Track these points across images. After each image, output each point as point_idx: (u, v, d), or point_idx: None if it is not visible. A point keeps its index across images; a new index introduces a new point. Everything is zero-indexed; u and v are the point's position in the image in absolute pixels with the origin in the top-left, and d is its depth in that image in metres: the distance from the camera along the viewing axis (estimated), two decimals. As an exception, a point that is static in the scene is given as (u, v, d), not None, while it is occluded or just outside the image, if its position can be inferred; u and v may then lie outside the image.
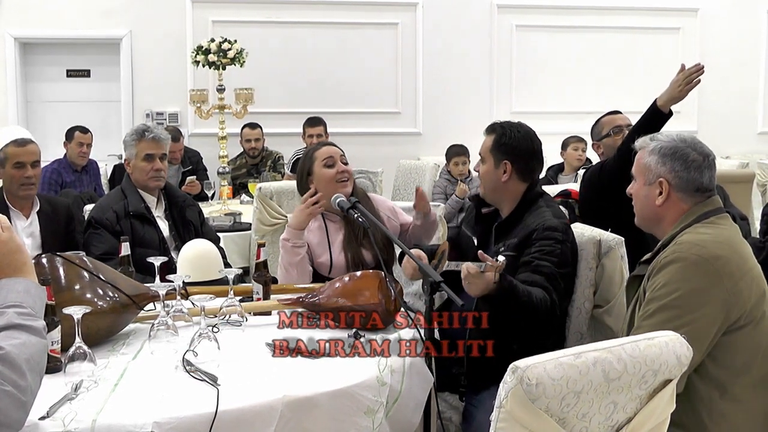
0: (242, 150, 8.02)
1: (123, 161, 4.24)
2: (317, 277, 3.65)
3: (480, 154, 3.31)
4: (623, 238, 3.17)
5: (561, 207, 4.42)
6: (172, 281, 2.72)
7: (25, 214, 3.86)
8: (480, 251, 2.78)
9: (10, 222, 3.71)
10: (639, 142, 2.73)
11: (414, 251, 3.06)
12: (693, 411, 2.40)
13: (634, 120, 4.36)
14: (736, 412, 2.42)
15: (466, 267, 2.70)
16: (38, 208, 3.89)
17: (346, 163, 3.73)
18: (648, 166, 2.64)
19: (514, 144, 3.20)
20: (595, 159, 7.32)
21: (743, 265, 2.46)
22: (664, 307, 2.40)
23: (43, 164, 4.42)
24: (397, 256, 3.55)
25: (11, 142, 3.80)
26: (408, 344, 2.59)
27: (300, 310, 2.97)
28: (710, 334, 2.38)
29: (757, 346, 2.45)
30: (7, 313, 1.71)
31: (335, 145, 3.86)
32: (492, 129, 3.28)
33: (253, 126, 7.92)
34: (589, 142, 7.28)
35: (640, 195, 2.69)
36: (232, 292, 2.86)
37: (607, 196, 3.98)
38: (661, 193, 2.61)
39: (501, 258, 2.75)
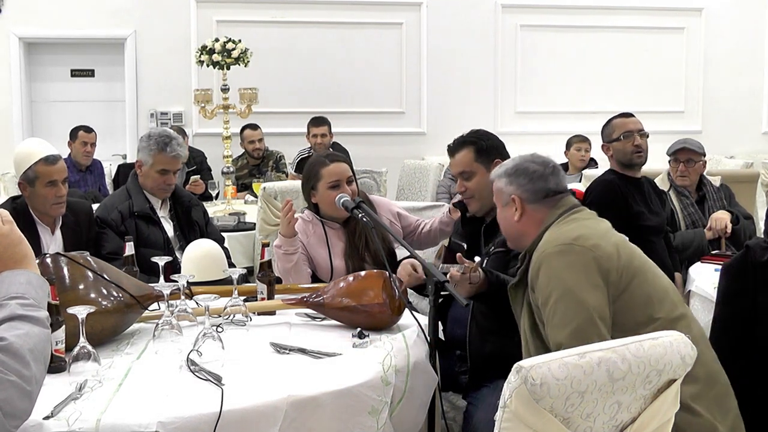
0: (243, 151, 8.01)
1: (135, 162, 4.20)
2: (317, 283, 3.65)
3: (464, 171, 3.33)
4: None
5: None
6: (177, 281, 2.72)
7: (52, 229, 3.83)
8: (459, 254, 2.86)
9: (39, 238, 3.73)
10: (492, 174, 2.87)
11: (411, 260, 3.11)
12: None
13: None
14: None
15: (451, 275, 2.77)
16: (61, 222, 3.85)
17: (351, 182, 3.64)
18: (500, 190, 2.78)
19: (492, 144, 3.33)
20: (599, 158, 7.35)
21: (596, 231, 2.57)
22: (559, 301, 2.43)
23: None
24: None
25: (41, 160, 3.72)
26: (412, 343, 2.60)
27: (305, 309, 2.98)
28: (604, 304, 2.42)
29: (650, 297, 2.48)
30: (9, 304, 1.72)
31: (344, 159, 3.77)
32: (463, 143, 3.35)
33: (254, 127, 7.88)
34: (593, 141, 7.31)
35: (501, 218, 2.82)
36: (236, 292, 2.86)
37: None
38: (516, 209, 2.72)
39: (477, 258, 2.90)
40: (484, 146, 3.29)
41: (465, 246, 3.39)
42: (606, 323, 2.39)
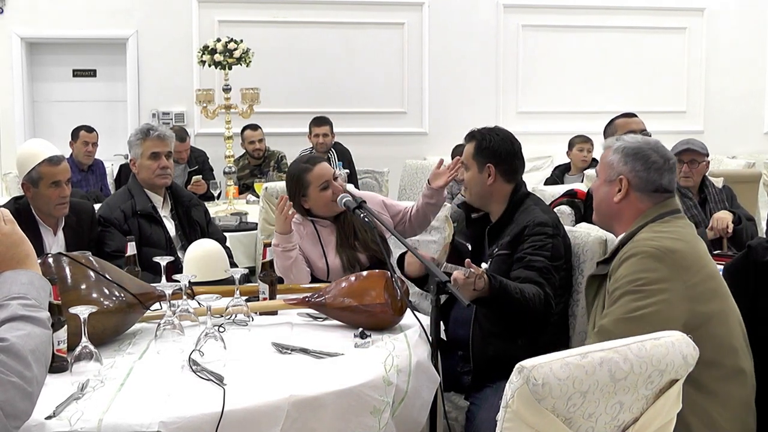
0: (244, 152, 8.00)
1: (129, 161, 4.23)
2: (316, 282, 3.67)
3: (463, 162, 3.37)
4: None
5: (567, 207, 4.44)
6: (179, 281, 2.72)
7: (54, 230, 3.83)
8: (467, 260, 2.83)
9: (41, 239, 3.73)
10: (606, 142, 2.85)
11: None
12: None
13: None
14: (713, 405, 2.46)
15: (455, 278, 2.74)
16: (63, 223, 3.86)
17: (336, 178, 3.74)
18: (611, 164, 2.73)
19: (494, 147, 3.28)
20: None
21: (699, 260, 2.54)
22: (627, 292, 2.48)
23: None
24: (396, 259, 3.56)
25: (45, 161, 3.72)
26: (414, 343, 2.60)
27: (306, 309, 2.98)
28: (674, 321, 2.40)
29: (721, 341, 2.49)
30: (11, 304, 1.72)
31: (323, 159, 3.87)
32: (471, 136, 3.35)
33: (254, 127, 7.88)
34: (596, 141, 7.29)
35: (600, 191, 2.78)
36: (238, 292, 2.86)
37: None
38: (620, 191, 2.69)
39: (484, 265, 2.88)
40: (483, 146, 3.28)
41: (469, 246, 3.39)
42: None
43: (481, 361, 3.09)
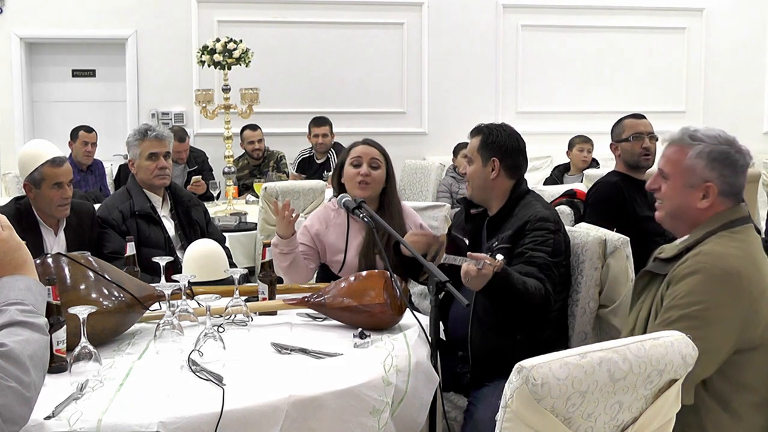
0: (244, 152, 8.01)
1: (127, 162, 4.24)
2: (327, 272, 3.68)
3: (467, 155, 3.39)
4: (629, 238, 3.18)
5: (566, 207, 4.43)
6: (178, 281, 2.72)
7: (55, 231, 3.84)
8: (470, 252, 2.82)
9: (42, 239, 3.73)
10: (674, 137, 2.60)
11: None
12: (698, 419, 2.40)
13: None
14: (736, 427, 2.42)
15: (467, 269, 2.72)
16: (65, 224, 3.86)
17: (375, 168, 3.69)
18: (692, 169, 2.53)
19: (500, 142, 3.29)
20: (601, 159, 7.35)
21: (762, 283, 2.42)
22: (686, 316, 2.37)
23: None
24: (392, 245, 3.53)
25: (48, 162, 3.73)
26: (413, 343, 2.60)
27: (306, 309, 2.98)
28: (725, 349, 2.37)
29: (765, 369, 2.44)
30: (9, 310, 1.72)
31: (377, 146, 3.81)
32: (478, 130, 3.37)
33: (253, 127, 7.89)
34: (595, 141, 7.29)
35: (678, 197, 2.57)
36: (237, 292, 2.86)
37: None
38: (705, 197, 2.52)
39: (499, 257, 2.83)
40: (489, 140, 3.29)
41: (467, 241, 3.38)
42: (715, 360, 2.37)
43: (480, 356, 3.08)
